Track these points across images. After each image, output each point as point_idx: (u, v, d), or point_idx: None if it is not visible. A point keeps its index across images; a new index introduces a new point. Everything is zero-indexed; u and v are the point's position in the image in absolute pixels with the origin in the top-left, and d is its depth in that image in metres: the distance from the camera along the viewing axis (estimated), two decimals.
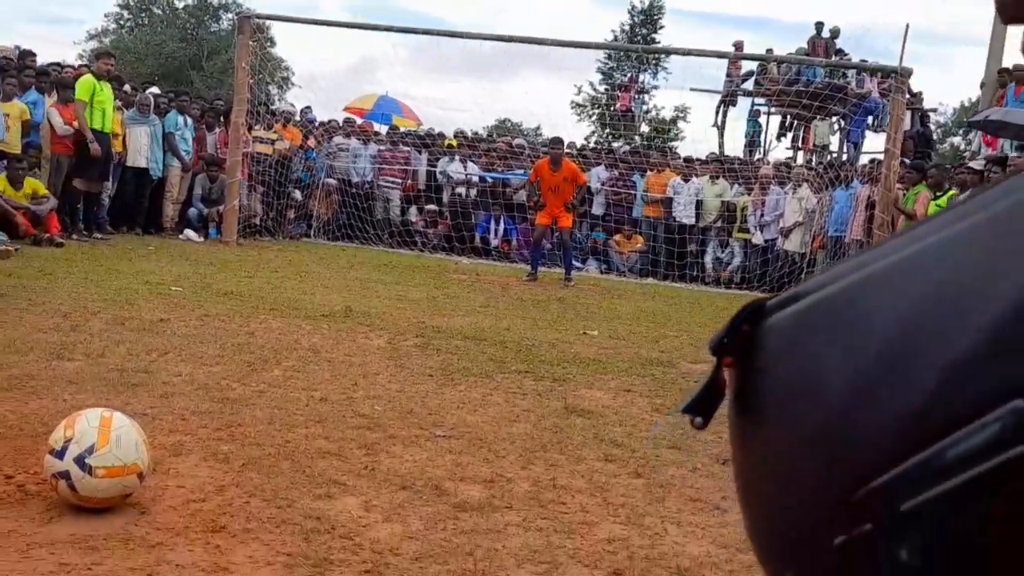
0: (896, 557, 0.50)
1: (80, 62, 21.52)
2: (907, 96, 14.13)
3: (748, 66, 19.86)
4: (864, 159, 16.98)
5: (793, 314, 0.60)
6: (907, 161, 13.89)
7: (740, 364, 0.64)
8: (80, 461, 2.68)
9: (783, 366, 0.60)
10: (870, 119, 18.26)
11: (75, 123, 11.38)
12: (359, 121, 18.57)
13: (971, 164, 13.43)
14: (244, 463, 3.34)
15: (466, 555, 2.72)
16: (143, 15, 44.62)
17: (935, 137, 26.42)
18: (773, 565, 0.62)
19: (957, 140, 40.68)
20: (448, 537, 2.84)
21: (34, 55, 13.41)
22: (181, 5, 44.53)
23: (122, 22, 44.87)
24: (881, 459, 0.51)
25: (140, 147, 12.98)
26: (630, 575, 2.70)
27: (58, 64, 14.33)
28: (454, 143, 17.22)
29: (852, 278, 0.57)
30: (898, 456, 0.50)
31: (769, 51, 19.50)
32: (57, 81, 12.27)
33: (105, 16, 45.28)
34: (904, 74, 13.09)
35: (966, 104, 41.12)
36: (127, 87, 13.99)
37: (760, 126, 20.71)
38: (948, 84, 75.71)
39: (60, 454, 2.70)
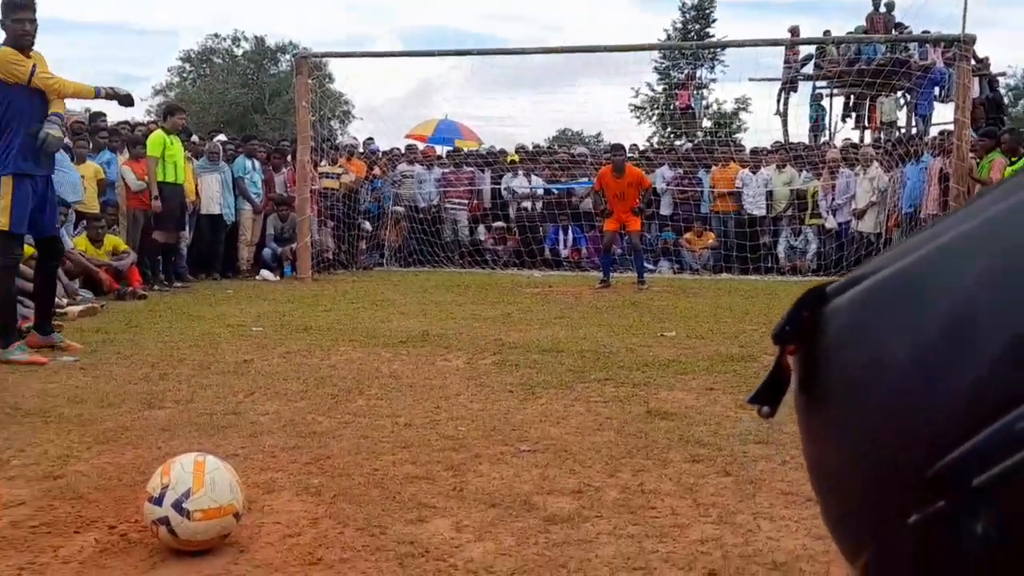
0: (971, 533, 0.49)
1: (149, 118, 22.15)
2: (973, 63, 13.80)
3: (806, 50, 19.59)
4: (934, 131, 16.62)
5: (854, 297, 0.60)
6: (977, 130, 13.55)
7: (804, 351, 0.64)
8: (178, 506, 2.76)
9: (848, 349, 0.60)
10: (937, 90, 17.87)
11: (146, 178, 11.73)
12: (421, 147, 18.77)
13: None
14: (335, 494, 3.39)
15: (559, 567, 2.73)
16: (204, 66, 45.69)
17: (1007, 101, 25.72)
18: (850, 546, 0.62)
19: None
20: (540, 551, 2.85)
21: (105, 116, 13.84)
22: (240, 52, 45.51)
23: (184, 75, 46.03)
24: (951, 435, 0.51)
25: (212, 194, 13.31)
26: (726, 573, 2.68)
27: (127, 122, 14.76)
28: (516, 158, 17.30)
29: (913, 257, 0.57)
30: (968, 431, 0.50)
31: (826, 33, 19.23)
32: (128, 139, 12.65)
33: (168, 71, 46.46)
34: (967, 41, 12.79)
35: None
36: (195, 137, 14.36)
37: (824, 109, 20.40)
38: (1016, 45, 73.61)
39: (158, 501, 2.78)
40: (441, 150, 19.52)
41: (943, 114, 17.42)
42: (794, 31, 18.71)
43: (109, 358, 6.35)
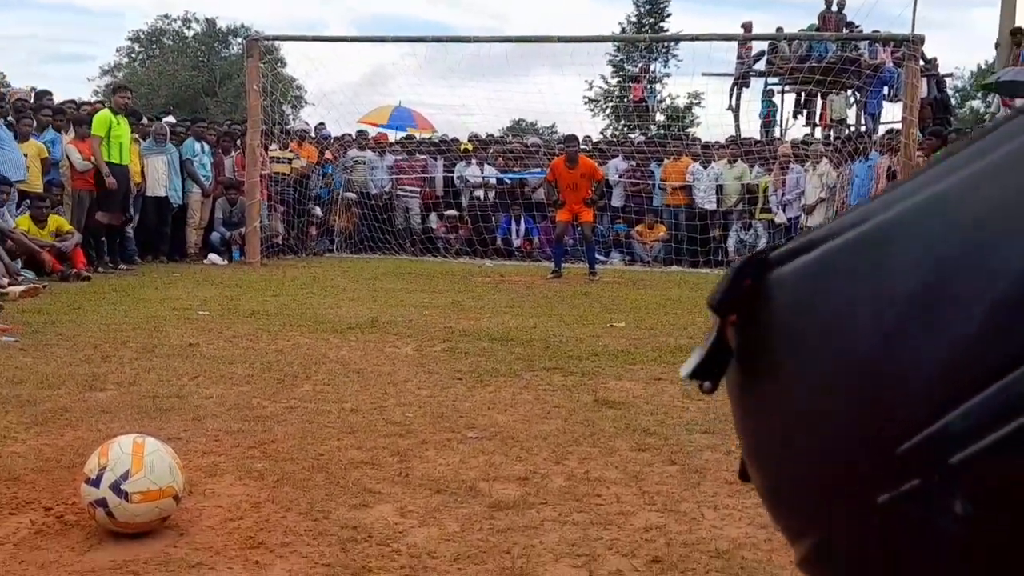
0: (948, 511, 0.47)
1: (96, 98, 21.77)
2: (921, 63, 14.00)
3: (759, 46, 19.76)
4: (882, 130, 16.85)
5: (808, 263, 0.56)
6: (924, 131, 13.77)
7: (745, 320, 0.61)
8: (116, 488, 2.71)
9: (801, 319, 0.56)
10: (886, 89, 18.11)
11: (92, 158, 11.53)
12: (373, 132, 18.64)
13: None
14: (278, 479, 3.36)
15: (504, 553, 2.72)
16: (154, 47, 45.02)
17: (954, 102, 26.14)
18: (795, 527, 0.59)
19: (976, 104, 40.21)
20: (485, 537, 2.84)
21: (51, 95, 13.56)
22: (190, 34, 44.90)
23: (134, 55, 45.31)
24: (924, 410, 0.48)
25: (158, 176, 13.12)
26: (669, 561, 2.69)
27: (74, 101, 14.48)
28: (469, 147, 17.26)
29: (875, 221, 0.54)
30: (944, 405, 0.47)
31: (779, 29, 19.39)
32: (73, 118, 12.41)
33: (117, 51, 45.73)
34: (916, 41, 12.98)
35: (983, 67, 40.62)
36: (143, 119, 14.13)
37: (775, 105, 20.58)
38: (964, 47, 74.89)
39: (96, 482, 2.73)
40: (394, 136, 19.41)
41: (892, 113, 17.68)
42: (747, 27, 18.85)
43: (51, 339, 6.23)
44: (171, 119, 15.38)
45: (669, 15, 39.75)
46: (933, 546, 0.49)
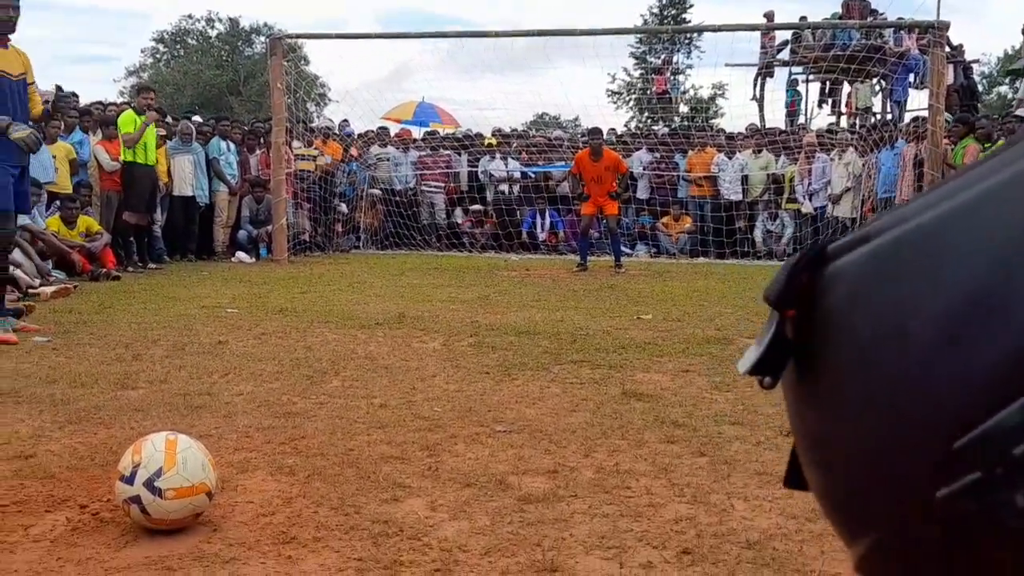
0: (1010, 504, 0.46)
1: (122, 99, 21.95)
2: (947, 49, 13.87)
3: (782, 36, 19.63)
4: (908, 117, 16.70)
5: (866, 256, 0.56)
6: (951, 116, 13.64)
7: (802, 316, 0.60)
8: (150, 485, 2.74)
9: (859, 314, 0.56)
10: (912, 77, 17.94)
11: (120, 158, 11.63)
12: (396, 129, 18.67)
13: (1018, 112, 13.17)
14: (309, 474, 3.38)
15: (534, 546, 2.73)
16: (178, 47, 45.34)
17: (981, 88, 25.86)
18: (853, 526, 0.57)
19: (1004, 89, 39.79)
20: (515, 530, 2.85)
21: (76, 97, 13.67)
22: (214, 33, 45.14)
23: (158, 56, 45.66)
24: (983, 403, 0.47)
25: (185, 176, 13.23)
26: (699, 553, 2.69)
27: (100, 103, 14.61)
28: (493, 142, 17.26)
29: (935, 212, 0.53)
30: (1003, 398, 0.47)
31: (803, 18, 19.26)
32: (100, 119, 12.52)
33: (141, 52, 46.23)
34: (941, 27, 12.85)
35: (1009, 52, 40.19)
36: (168, 118, 14.24)
37: (800, 95, 20.44)
38: (990, 33, 74.02)
39: (130, 480, 2.76)
40: (418, 132, 19.44)
41: (918, 100, 17.52)
42: (769, 16, 18.73)
43: (82, 339, 6.30)
44: (198, 119, 15.48)
45: (691, 6, 39.63)
46: (994, 540, 0.48)
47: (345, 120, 18.56)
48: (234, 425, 4.07)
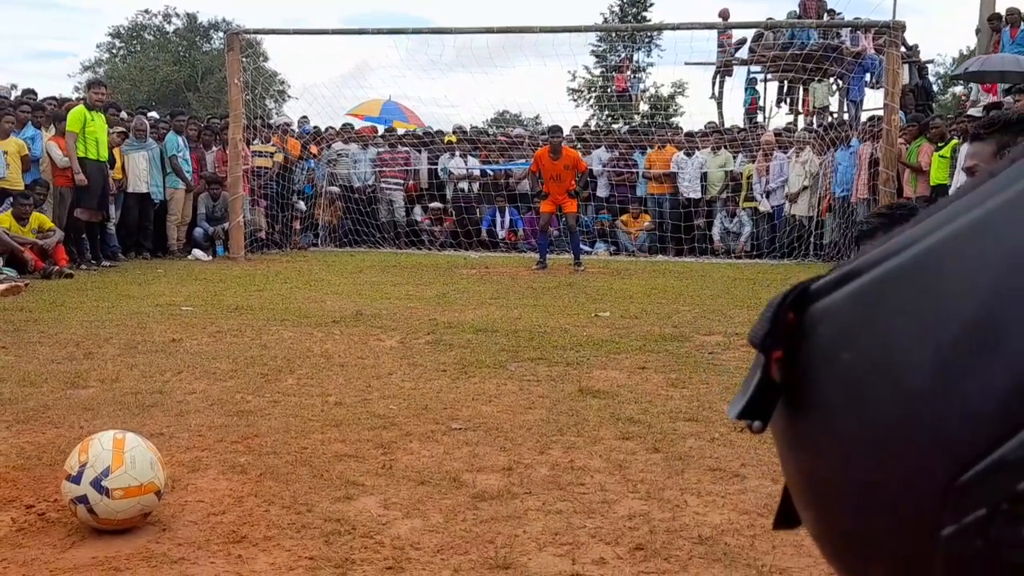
0: (1018, 539, 0.45)
1: (77, 94, 21.65)
2: (902, 50, 14.03)
3: (740, 34, 19.78)
4: (864, 117, 16.89)
5: (853, 293, 0.55)
6: (905, 116, 13.81)
7: (788, 356, 0.58)
8: (97, 484, 2.69)
9: (849, 351, 0.54)
10: (868, 76, 18.12)
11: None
12: (358, 125, 18.58)
13: (970, 112, 13.36)
14: (262, 473, 3.35)
15: (487, 543, 2.72)
16: (135, 42, 44.79)
17: (936, 88, 26.23)
18: (852, 564, 0.56)
19: (959, 89, 40.32)
20: (468, 527, 2.84)
21: (35, 94, 13.48)
22: (171, 29, 44.66)
23: (115, 51, 45.09)
24: (986, 437, 0.46)
25: (139, 172, 13.08)
26: (652, 548, 2.70)
27: (55, 98, 14.40)
28: (453, 139, 17.23)
29: (919, 247, 0.52)
30: (1005, 431, 0.46)
31: (769, 19, 19.40)
32: (52, 115, 12.33)
33: (97, 47, 45.66)
34: (897, 28, 13.01)
35: (964, 52, 40.77)
36: (123, 114, 14.06)
37: (758, 93, 20.60)
38: (946, 33, 75.12)
39: (76, 479, 2.72)
40: (379, 129, 19.35)
41: (875, 100, 17.70)
42: (724, 14, 18.87)
43: (33, 337, 6.19)
44: (154, 114, 15.30)
45: (652, 4, 39.81)
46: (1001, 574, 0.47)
47: (304, 117, 18.44)
48: (186, 424, 4.03)
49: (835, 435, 0.55)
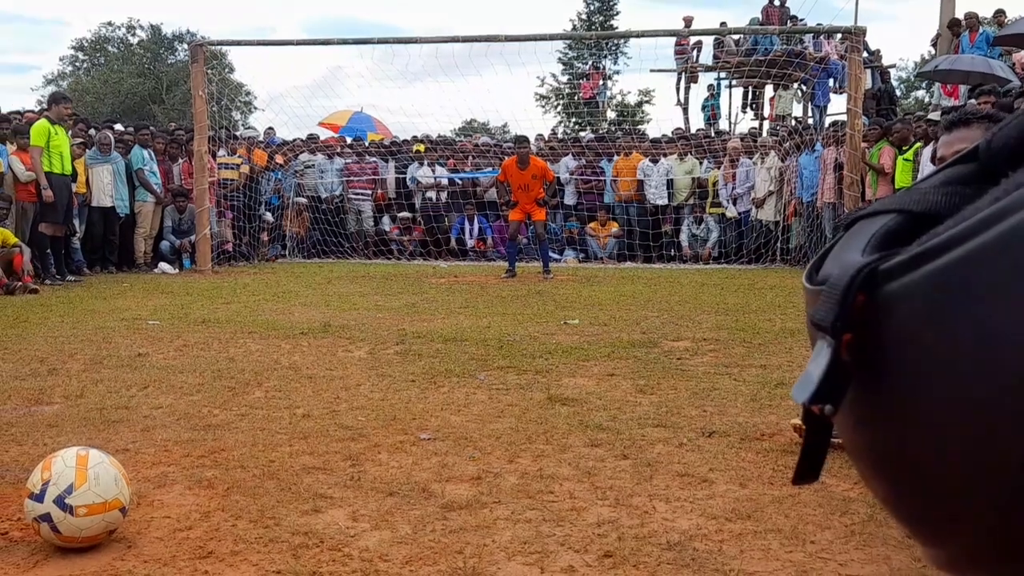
0: None
1: (40, 107, 21.45)
2: (865, 55, 14.19)
3: (697, 38, 19.97)
4: (828, 121, 17.06)
5: (940, 271, 0.53)
6: (868, 119, 13.98)
7: (862, 338, 0.57)
8: (60, 502, 2.66)
9: (935, 330, 0.53)
10: (832, 81, 18.32)
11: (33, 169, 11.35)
12: (324, 136, 18.53)
13: (930, 116, 13.53)
14: (229, 487, 3.32)
15: (456, 553, 2.71)
16: (98, 55, 44.42)
17: (899, 92, 26.52)
18: (943, 531, 0.56)
19: (921, 93, 40.79)
20: (437, 538, 2.83)
21: None
22: (135, 41, 44.35)
23: (78, 64, 44.71)
24: None
25: (104, 186, 12.97)
26: (620, 555, 2.70)
27: (18, 112, 14.26)
28: (421, 148, 17.22)
29: (1012, 221, 0.49)
30: None
31: (723, 24, 19.56)
32: (16, 129, 12.21)
33: (60, 60, 45.16)
34: (858, 33, 13.16)
35: (926, 57, 41.19)
36: (91, 131, 13.93)
37: (718, 103, 20.78)
38: (907, 38, 76.05)
39: (39, 497, 2.68)
40: (347, 140, 19.31)
41: (839, 105, 17.90)
42: (688, 21, 19.05)
43: None
44: (119, 127, 15.17)
45: (618, 13, 40.00)
46: None
47: (270, 128, 18.36)
48: (152, 439, 3.99)
49: (912, 413, 0.54)
